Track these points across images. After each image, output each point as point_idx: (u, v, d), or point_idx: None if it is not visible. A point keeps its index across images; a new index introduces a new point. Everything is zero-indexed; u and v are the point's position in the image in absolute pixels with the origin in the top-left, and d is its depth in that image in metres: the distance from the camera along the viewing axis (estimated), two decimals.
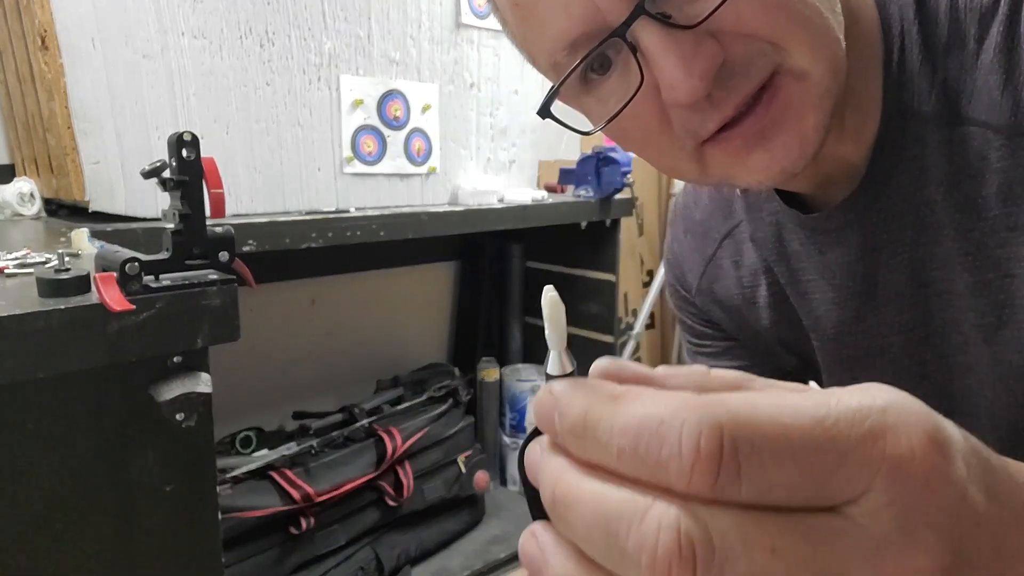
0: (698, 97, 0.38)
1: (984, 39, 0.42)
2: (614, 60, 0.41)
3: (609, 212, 2.10)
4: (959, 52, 0.43)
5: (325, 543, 1.73)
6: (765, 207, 0.57)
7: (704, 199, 0.64)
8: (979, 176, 0.43)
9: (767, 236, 0.57)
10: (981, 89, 0.42)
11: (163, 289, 0.65)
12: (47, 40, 1.21)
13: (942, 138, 0.44)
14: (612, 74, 0.41)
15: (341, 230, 1.44)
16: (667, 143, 0.42)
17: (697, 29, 0.37)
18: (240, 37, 1.37)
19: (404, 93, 1.65)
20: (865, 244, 0.50)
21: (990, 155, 0.42)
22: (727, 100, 0.39)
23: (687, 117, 0.40)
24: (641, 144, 0.45)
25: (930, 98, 0.44)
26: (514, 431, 2.36)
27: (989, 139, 0.42)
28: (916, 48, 0.44)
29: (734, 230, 0.61)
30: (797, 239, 0.55)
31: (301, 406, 1.95)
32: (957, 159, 0.44)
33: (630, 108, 0.40)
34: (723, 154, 0.42)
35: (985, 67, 0.42)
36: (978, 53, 0.42)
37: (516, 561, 2.07)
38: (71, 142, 1.24)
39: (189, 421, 0.67)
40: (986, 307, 0.46)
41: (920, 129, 0.45)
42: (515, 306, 2.46)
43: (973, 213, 0.44)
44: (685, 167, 0.44)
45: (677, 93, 0.38)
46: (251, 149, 1.41)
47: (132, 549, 0.67)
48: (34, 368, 0.58)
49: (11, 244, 0.97)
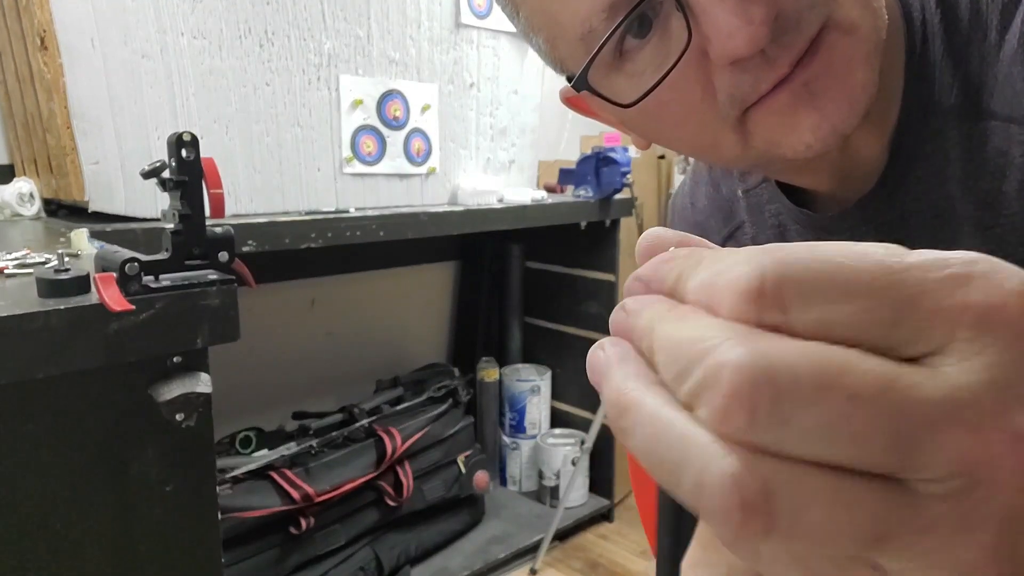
0: (759, 46, 0.35)
1: (1006, 30, 0.40)
2: (653, 22, 0.38)
3: (609, 212, 2.10)
4: (981, 44, 0.41)
5: (325, 543, 1.73)
6: (768, 208, 0.55)
7: (702, 200, 0.62)
8: (999, 172, 0.42)
9: (769, 239, 0.55)
10: (1004, 82, 0.41)
11: (163, 289, 0.65)
12: (46, 40, 1.21)
13: (963, 133, 0.43)
14: (650, 40, 0.38)
15: (341, 230, 1.44)
16: (709, 114, 0.40)
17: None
18: (239, 37, 1.37)
19: (404, 93, 1.65)
20: (880, 243, 0.48)
21: (1012, 150, 0.41)
22: (782, 56, 0.36)
23: (737, 79, 0.37)
24: (679, 119, 0.41)
25: (952, 92, 0.43)
26: (513, 431, 2.36)
27: (1011, 133, 0.41)
28: (938, 40, 0.43)
29: (736, 232, 0.59)
30: (803, 241, 0.53)
31: (301, 406, 1.95)
32: (977, 154, 0.43)
33: (671, 76, 0.38)
34: (768, 116, 0.39)
35: (1008, 59, 0.40)
36: (1000, 44, 0.40)
37: (516, 561, 2.07)
38: (70, 142, 1.24)
39: (189, 421, 0.67)
40: None
41: (941, 123, 0.43)
42: (515, 306, 2.46)
43: (993, 209, 0.43)
44: (726, 141, 0.41)
45: (736, 41, 0.35)
46: (251, 149, 1.41)
47: (132, 549, 0.68)
48: (34, 368, 0.58)
49: (11, 244, 0.97)
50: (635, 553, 2.18)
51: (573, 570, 2.09)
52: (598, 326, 2.28)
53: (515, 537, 2.09)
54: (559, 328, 2.40)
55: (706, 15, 0.35)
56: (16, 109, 1.43)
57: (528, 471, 2.37)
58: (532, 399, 2.34)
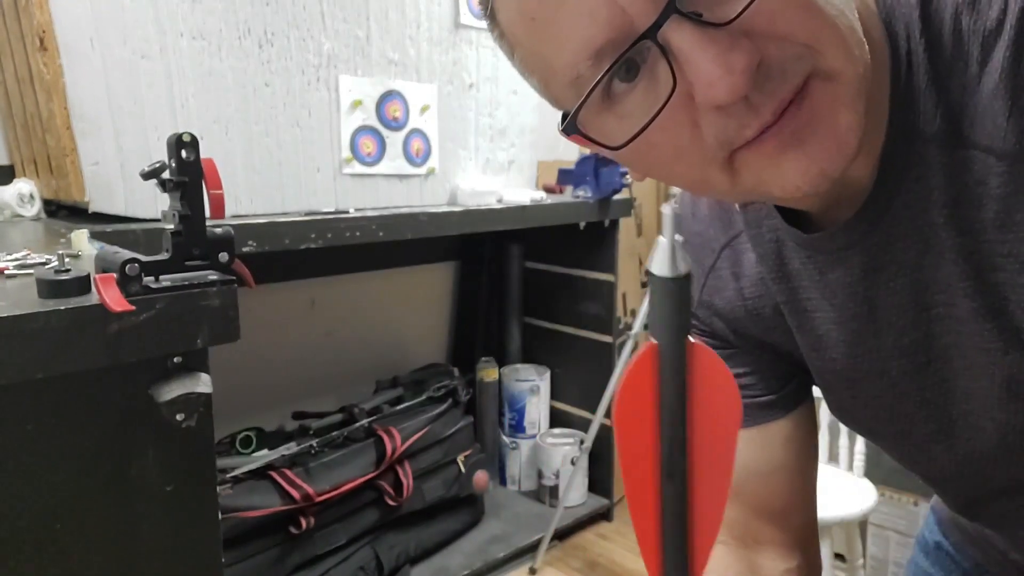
0: (740, 95, 0.36)
1: (987, 62, 0.41)
2: (641, 68, 0.39)
3: (608, 213, 2.11)
4: (963, 74, 0.42)
5: (325, 542, 1.73)
6: (765, 223, 0.55)
7: (703, 209, 0.63)
8: (977, 201, 0.42)
9: (767, 252, 0.56)
10: (984, 113, 0.41)
11: (163, 290, 0.65)
12: (45, 41, 1.21)
13: (945, 160, 0.43)
14: (638, 84, 0.39)
15: (340, 231, 1.44)
16: (697, 155, 0.40)
17: (731, 28, 0.35)
18: (239, 38, 1.37)
19: (403, 94, 1.65)
20: (867, 266, 0.49)
21: (990, 180, 0.42)
22: (766, 104, 0.37)
23: (722, 123, 0.38)
24: (668, 159, 0.42)
25: (935, 120, 0.43)
26: (513, 431, 2.36)
27: (990, 165, 0.41)
28: (922, 68, 0.43)
29: (734, 240, 0.60)
30: (797, 258, 0.53)
31: (301, 406, 1.95)
32: (958, 182, 0.43)
33: (659, 119, 0.38)
34: (757, 159, 0.40)
35: (988, 92, 0.41)
36: (980, 76, 0.41)
37: (515, 560, 2.07)
38: (70, 143, 1.24)
39: (189, 421, 0.67)
40: (991, 332, 0.45)
41: (924, 150, 0.44)
42: (514, 306, 2.46)
43: (973, 236, 0.43)
44: (715, 179, 0.41)
45: (716, 91, 0.36)
46: (250, 150, 1.41)
47: (132, 549, 0.68)
48: (34, 369, 0.59)
49: (11, 245, 0.97)
50: (634, 552, 2.18)
51: (572, 569, 2.09)
52: (597, 326, 2.29)
53: (514, 536, 2.10)
54: (558, 328, 2.40)
55: (689, 64, 0.36)
56: (16, 110, 1.44)
57: (527, 471, 2.37)
58: (531, 399, 2.34)
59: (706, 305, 0.64)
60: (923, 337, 0.49)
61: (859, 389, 0.55)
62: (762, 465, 0.65)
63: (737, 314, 0.61)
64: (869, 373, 0.53)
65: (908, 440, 0.55)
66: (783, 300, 0.56)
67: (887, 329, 0.50)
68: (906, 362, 0.51)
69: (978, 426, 0.50)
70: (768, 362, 0.64)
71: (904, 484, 1.89)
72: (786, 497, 0.67)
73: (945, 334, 0.48)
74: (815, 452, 0.68)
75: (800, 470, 0.66)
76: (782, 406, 0.65)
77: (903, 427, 0.54)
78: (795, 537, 0.68)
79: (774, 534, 0.67)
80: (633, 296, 2.52)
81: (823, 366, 0.56)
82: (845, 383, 0.56)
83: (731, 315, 0.62)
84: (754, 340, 0.62)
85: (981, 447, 0.50)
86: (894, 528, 1.93)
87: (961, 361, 0.48)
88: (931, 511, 0.78)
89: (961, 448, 0.52)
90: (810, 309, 0.55)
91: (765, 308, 0.59)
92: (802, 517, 0.68)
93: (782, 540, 0.68)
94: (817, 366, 0.57)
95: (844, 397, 0.57)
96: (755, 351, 0.64)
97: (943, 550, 0.74)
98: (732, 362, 0.67)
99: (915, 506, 1.88)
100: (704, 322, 0.65)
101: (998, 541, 0.62)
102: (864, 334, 0.52)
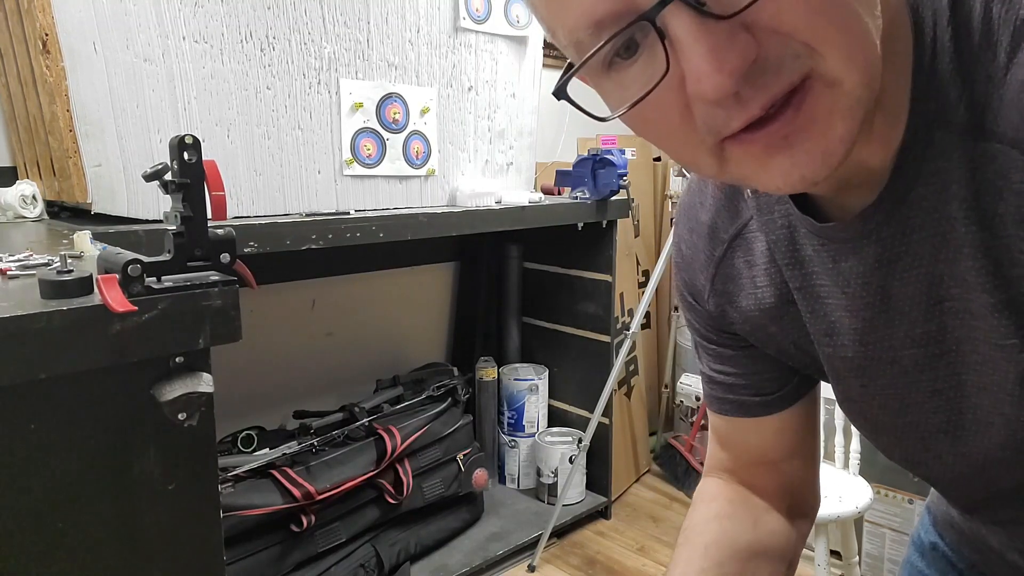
0: (725, 95, 0.36)
1: (1016, 53, 0.39)
2: (641, 44, 0.38)
3: (605, 213, 2.11)
4: (989, 64, 0.41)
5: (326, 540, 1.74)
6: (777, 209, 0.55)
7: (710, 199, 0.62)
8: (998, 195, 0.42)
9: (779, 239, 0.55)
10: (1010, 106, 0.40)
11: (165, 290, 0.65)
12: (48, 43, 1.22)
13: (966, 152, 0.42)
14: (638, 59, 0.39)
15: (341, 232, 1.45)
16: (687, 137, 0.40)
17: (732, 21, 0.35)
18: (241, 41, 1.38)
19: (403, 96, 1.66)
20: (882, 256, 0.48)
21: (1012, 175, 0.41)
22: (754, 99, 0.37)
23: (711, 113, 0.38)
24: (660, 135, 0.42)
25: (958, 109, 0.42)
26: (512, 429, 2.37)
27: (1013, 159, 0.40)
28: (947, 55, 0.42)
29: (743, 229, 0.59)
30: (810, 245, 0.53)
31: (302, 405, 1.96)
32: (979, 175, 0.42)
33: (652, 97, 0.38)
34: (743, 155, 0.40)
35: (1016, 84, 0.39)
36: (1008, 67, 0.40)
37: (514, 558, 2.08)
38: (73, 145, 1.25)
39: (191, 421, 0.68)
40: (1008, 328, 0.44)
41: (945, 141, 0.43)
42: (513, 306, 2.47)
43: (991, 231, 0.43)
44: (704, 162, 0.42)
45: (703, 87, 0.36)
46: (252, 152, 1.42)
47: (135, 547, 0.68)
48: (37, 369, 0.59)
49: (14, 246, 0.98)
50: (632, 549, 2.19)
51: (571, 566, 2.10)
52: (595, 326, 2.30)
53: (513, 534, 2.11)
54: (557, 328, 2.41)
55: (683, 53, 0.36)
56: (19, 112, 1.45)
57: (526, 469, 2.38)
58: (530, 398, 2.35)
59: (719, 293, 0.63)
60: (936, 329, 0.48)
61: (869, 378, 0.54)
62: (766, 447, 0.69)
63: (749, 303, 0.61)
64: (880, 361, 0.53)
65: (915, 432, 0.54)
66: (796, 286, 0.56)
67: (900, 319, 0.50)
68: (918, 352, 0.50)
69: (987, 421, 0.49)
70: (774, 357, 0.64)
71: (899, 482, 1.90)
72: (783, 451, 0.70)
73: (959, 328, 0.47)
74: (816, 422, 0.71)
75: (799, 446, 0.69)
76: (778, 407, 0.66)
77: (911, 418, 0.53)
78: (789, 480, 0.70)
79: (768, 479, 0.70)
80: (630, 296, 2.53)
81: (834, 353, 0.56)
82: (855, 371, 0.55)
83: (743, 303, 0.61)
84: (764, 332, 0.62)
85: (988, 443, 0.50)
86: (889, 526, 1.94)
87: (975, 356, 0.47)
88: (926, 511, 0.77)
89: (967, 443, 0.51)
90: (823, 295, 0.54)
91: (777, 296, 0.58)
92: (799, 465, 0.71)
93: (777, 483, 0.70)
94: (828, 353, 0.57)
95: (853, 386, 0.56)
96: (763, 344, 0.63)
97: (939, 551, 0.73)
98: (732, 363, 0.67)
99: (910, 504, 1.89)
100: (714, 314, 0.65)
101: (995, 541, 0.61)
102: (876, 323, 0.51)
